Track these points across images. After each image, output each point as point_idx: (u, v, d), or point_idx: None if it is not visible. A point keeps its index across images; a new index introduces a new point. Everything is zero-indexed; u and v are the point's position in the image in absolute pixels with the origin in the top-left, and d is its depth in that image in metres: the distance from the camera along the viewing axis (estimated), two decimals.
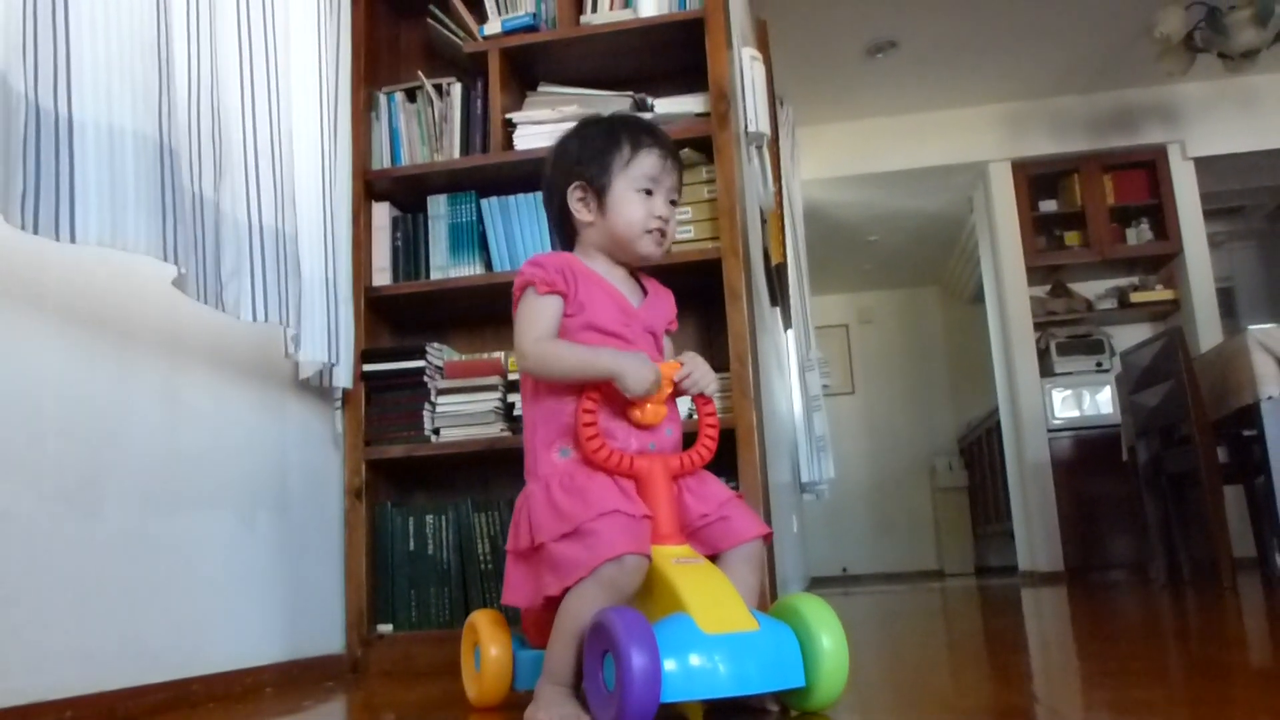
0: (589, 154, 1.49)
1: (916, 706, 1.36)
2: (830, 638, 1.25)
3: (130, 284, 1.76)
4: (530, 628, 1.48)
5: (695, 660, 1.17)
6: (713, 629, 1.20)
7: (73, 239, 1.46)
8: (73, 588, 1.57)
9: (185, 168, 1.76)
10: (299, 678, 2.16)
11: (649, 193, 1.48)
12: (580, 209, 1.50)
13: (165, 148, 1.66)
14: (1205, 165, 6.16)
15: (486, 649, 1.50)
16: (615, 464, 1.36)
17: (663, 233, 1.49)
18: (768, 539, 1.46)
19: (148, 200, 1.59)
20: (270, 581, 2.14)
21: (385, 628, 2.42)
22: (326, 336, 2.29)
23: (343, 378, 2.40)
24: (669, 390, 1.43)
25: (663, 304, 1.57)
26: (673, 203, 1.51)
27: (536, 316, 1.44)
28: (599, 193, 1.48)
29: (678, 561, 1.31)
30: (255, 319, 1.95)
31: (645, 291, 1.56)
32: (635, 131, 1.50)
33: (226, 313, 1.88)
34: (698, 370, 1.45)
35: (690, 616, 1.21)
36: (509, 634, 1.52)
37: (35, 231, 1.41)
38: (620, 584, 1.26)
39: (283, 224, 2.07)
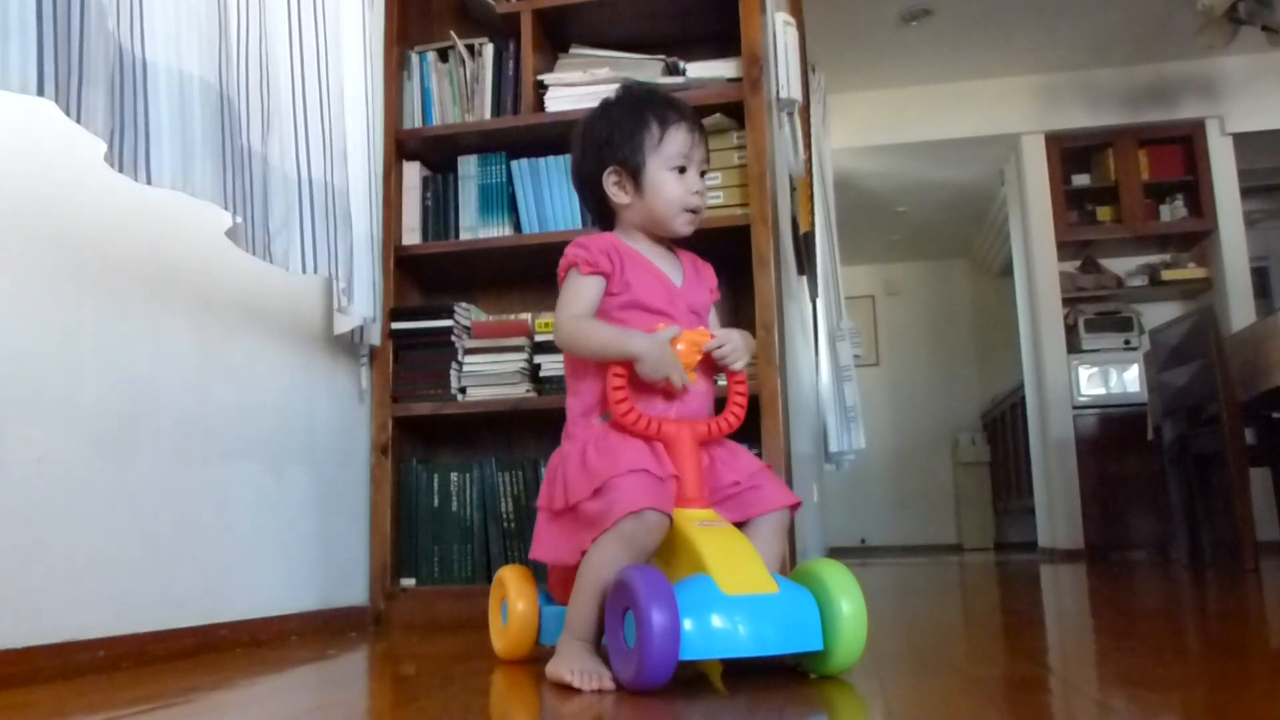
0: (619, 136, 1.49)
1: (932, 673, 1.37)
2: (849, 603, 1.25)
3: (166, 238, 1.79)
4: (556, 585, 1.50)
5: (715, 620, 1.19)
6: (733, 590, 1.21)
7: (149, 180, 1.49)
8: (106, 532, 1.60)
9: (241, 118, 1.78)
10: (323, 627, 2.20)
11: (682, 170, 1.49)
12: (617, 192, 1.51)
13: (224, 96, 1.68)
14: (1244, 141, 6.04)
15: (514, 604, 1.52)
16: (644, 428, 1.38)
17: (696, 210, 1.50)
18: (795, 509, 1.48)
19: (212, 147, 1.62)
20: (297, 533, 2.18)
21: (408, 581, 2.46)
22: (372, 292, 2.32)
23: (371, 335, 2.43)
24: (698, 358, 1.44)
25: (703, 279, 1.58)
26: (702, 173, 1.53)
27: (576, 295, 1.46)
28: (634, 174, 1.49)
29: (701, 524, 1.32)
30: (305, 271, 1.98)
31: (684, 268, 1.57)
32: (660, 108, 1.50)
33: (275, 264, 1.89)
34: (730, 344, 1.46)
35: (711, 577, 1.22)
36: (536, 590, 1.55)
37: (119, 170, 1.44)
38: (640, 539, 1.28)
39: (332, 177, 2.08)
